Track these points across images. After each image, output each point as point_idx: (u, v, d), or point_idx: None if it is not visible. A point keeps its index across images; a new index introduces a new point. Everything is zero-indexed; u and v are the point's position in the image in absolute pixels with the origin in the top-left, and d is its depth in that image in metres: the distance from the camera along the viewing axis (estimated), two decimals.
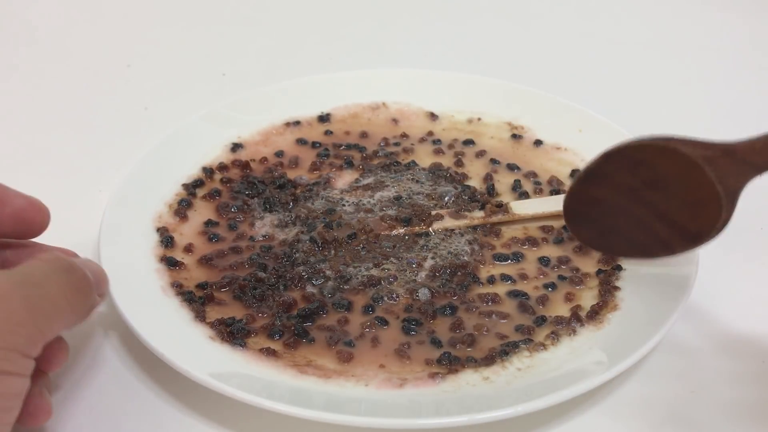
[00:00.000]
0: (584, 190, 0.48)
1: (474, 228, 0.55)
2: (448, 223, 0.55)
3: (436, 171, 0.61)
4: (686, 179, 0.43)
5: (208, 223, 0.56)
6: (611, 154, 0.46)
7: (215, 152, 0.62)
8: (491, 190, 0.59)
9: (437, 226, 0.55)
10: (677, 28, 0.89)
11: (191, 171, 0.59)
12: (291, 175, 0.61)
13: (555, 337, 0.46)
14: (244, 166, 0.61)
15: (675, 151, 0.42)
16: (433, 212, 0.56)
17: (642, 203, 0.46)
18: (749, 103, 0.74)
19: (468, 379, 0.44)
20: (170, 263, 0.51)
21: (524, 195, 0.59)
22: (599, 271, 0.51)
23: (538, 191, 0.59)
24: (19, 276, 0.35)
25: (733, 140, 0.41)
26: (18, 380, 0.34)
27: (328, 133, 0.66)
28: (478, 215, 0.56)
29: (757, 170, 0.41)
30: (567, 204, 0.49)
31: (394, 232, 0.55)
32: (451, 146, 0.64)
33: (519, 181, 0.60)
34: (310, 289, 0.50)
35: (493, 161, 0.62)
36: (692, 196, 0.43)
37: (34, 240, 0.45)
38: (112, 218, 0.51)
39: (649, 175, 0.45)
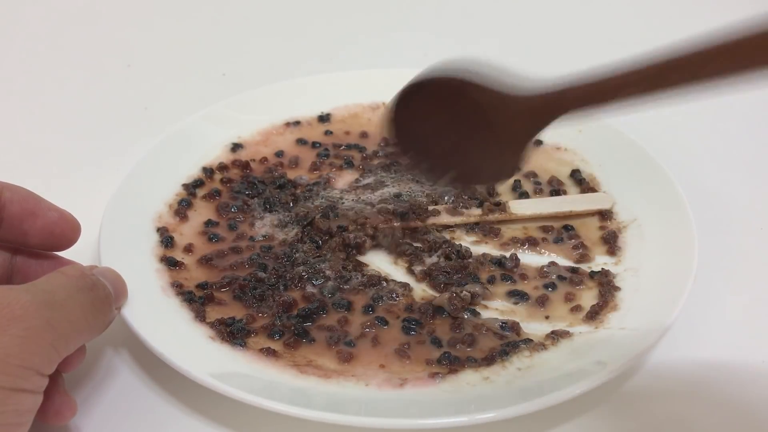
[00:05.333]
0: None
1: (474, 228, 0.55)
2: (445, 219, 0.56)
3: None
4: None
5: (208, 223, 0.56)
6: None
7: (215, 152, 0.62)
8: (491, 190, 0.59)
9: (433, 221, 0.55)
10: (677, 28, 0.88)
11: (191, 171, 0.59)
12: (291, 175, 0.61)
13: (555, 337, 0.46)
14: (244, 166, 0.61)
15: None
16: (430, 208, 0.56)
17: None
18: (749, 102, 0.74)
19: (468, 379, 0.44)
20: (170, 263, 0.51)
21: (524, 195, 0.59)
22: (593, 273, 0.51)
23: (538, 191, 0.59)
24: (43, 294, 0.36)
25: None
26: (32, 397, 0.35)
27: (328, 133, 0.66)
28: (475, 213, 0.56)
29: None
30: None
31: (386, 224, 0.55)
32: None
33: (519, 181, 0.60)
34: (310, 289, 0.50)
35: None
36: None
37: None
38: (112, 218, 0.51)
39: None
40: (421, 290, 0.51)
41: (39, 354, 0.35)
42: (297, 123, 0.66)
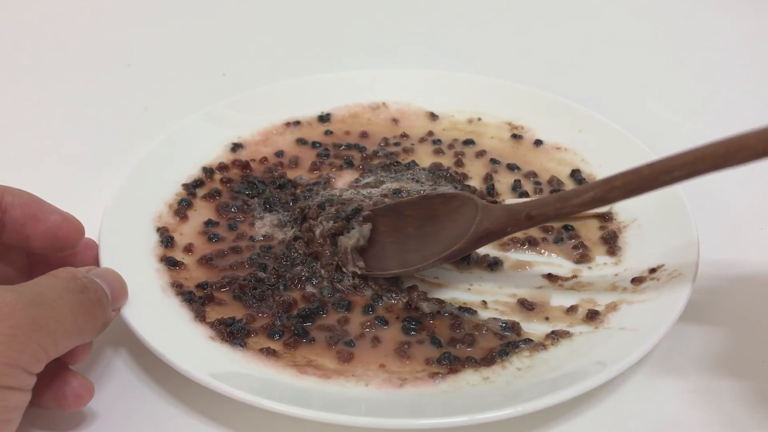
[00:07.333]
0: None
1: None
2: None
3: (436, 171, 0.61)
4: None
5: (208, 223, 0.56)
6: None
7: (215, 152, 0.62)
8: (491, 190, 0.59)
9: None
10: (677, 28, 0.89)
11: (191, 171, 0.59)
12: (291, 175, 0.61)
13: (555, 337, 0.46)
14: (244, 166, 0.61)
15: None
16: None
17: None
18: (748, 102, 0.74)
19: (468, 379, 0.44)
20: (170, 263, 0.51)
21: (524, 195, 0.59)
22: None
23: (538, 191, 0.59)
24: (30, 294, 0.36)
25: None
26: (19, 395, 0.35)
27: (328, 133, 0.66)
28: None
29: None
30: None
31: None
32: (451, 146, 0.64)
33: (519, 181, 0.60)
34: (310, 288, 0.50)
35: (493, 161, 0.62)
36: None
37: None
38: (112, 218, 0.51)
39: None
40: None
41: (25, 352, 0.35)
42: (297, 123, 0.66)
